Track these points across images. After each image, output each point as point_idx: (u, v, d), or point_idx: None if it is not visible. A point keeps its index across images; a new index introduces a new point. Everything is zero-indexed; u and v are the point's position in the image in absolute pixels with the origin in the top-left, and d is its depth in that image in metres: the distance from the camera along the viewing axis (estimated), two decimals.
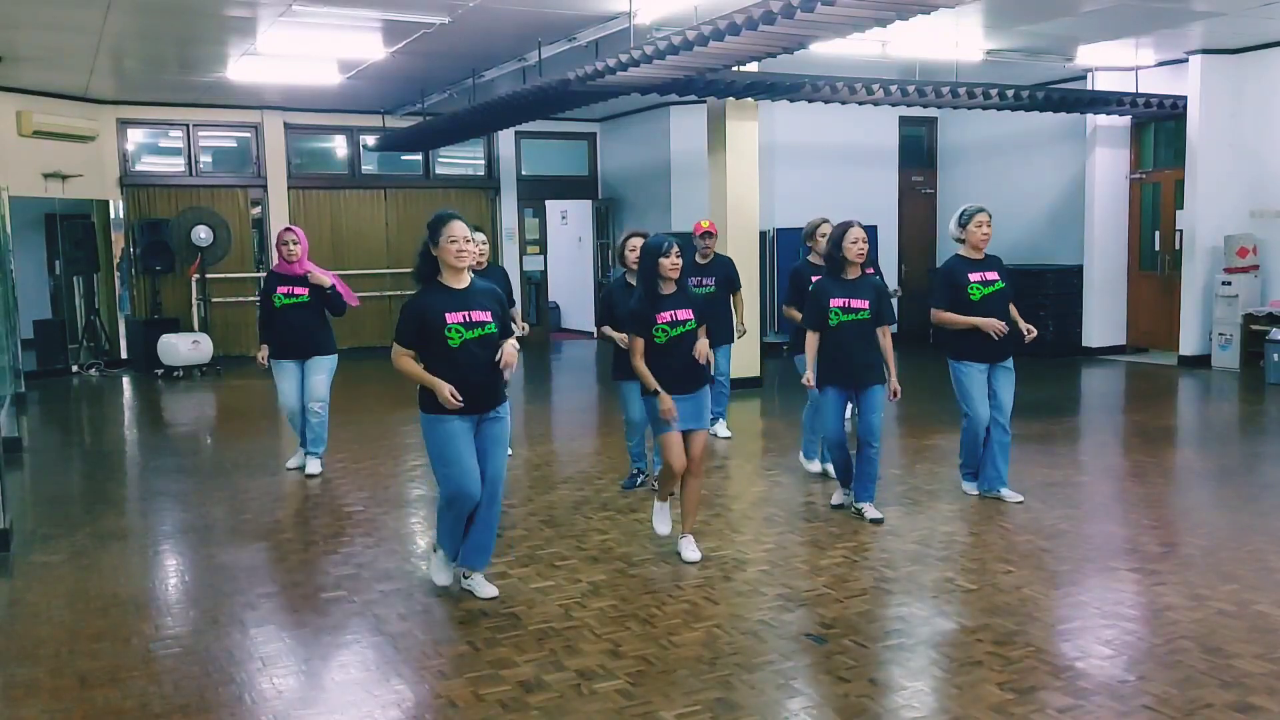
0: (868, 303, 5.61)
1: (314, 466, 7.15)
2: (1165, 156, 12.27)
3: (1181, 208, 11.63)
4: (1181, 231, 11.61)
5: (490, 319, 4.46)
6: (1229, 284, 10.95)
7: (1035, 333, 5.89)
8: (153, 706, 3.61)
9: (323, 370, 7.06)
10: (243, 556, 5.40)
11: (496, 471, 4.56)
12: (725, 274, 7.87)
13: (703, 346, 5.09)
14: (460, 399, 4.30)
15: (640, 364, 5.02)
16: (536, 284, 16.27)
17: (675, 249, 5.03)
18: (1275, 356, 10.16)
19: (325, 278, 6.98)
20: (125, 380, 12.42)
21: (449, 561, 4.71)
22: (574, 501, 6.29)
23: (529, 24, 8.88)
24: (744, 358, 10.02)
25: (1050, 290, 12.57)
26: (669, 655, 3.95)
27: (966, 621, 4.27)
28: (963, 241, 5.92)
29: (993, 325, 5.74)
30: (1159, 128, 12.28)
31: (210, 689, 3.75)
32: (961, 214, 5.95)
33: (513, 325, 4.72)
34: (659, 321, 5.00)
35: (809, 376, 5.67)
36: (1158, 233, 12.31)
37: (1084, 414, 9.59)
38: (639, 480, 6.58)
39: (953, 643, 4.07)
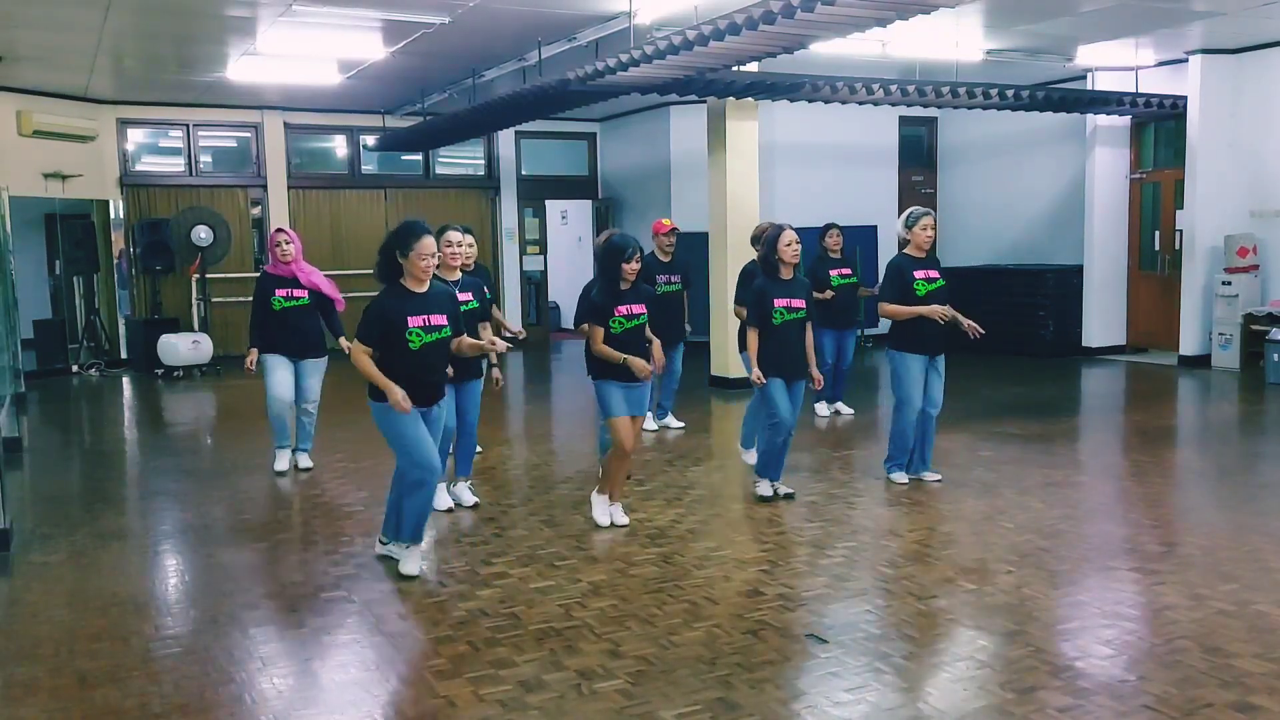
0: (804, 302, 6.07)
1: (307, 461, 7.30)
2: (1165, 156, 12.27)
3: (1181, 207, 11.63)
4: (1181, 231, 11.61)
5: (445, 322, 4.79)
6: (1229, 284, 10.94)
7: (981, 331, 6.23)
8: (152, 706, 3.61)
9: (318, 372, 7.18)
10: (242, 556, 5.40)
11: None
12: (686, 272, 8.27)
13: (658, 353, 5.59)
14: (409, 405, 4.61)
15: (603, 346, 5.44)
16: (536, 284, 16.26)
17: (637, 255, 5.45)
18: (1275, 356, 10.16)
19: (321, 284, 7.03)
20: (125, 380, 12.41)
21: (406, 546, 4.96)
22: (574, 501, 6.29)
23: (529, 24, 8.88)
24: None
25: (1050, 290, 12.56)
26: (669, 655, 3.95)
27: (966, 621, 4.27)
28: (908, 242, 6.34)
29: (937, 311, 6.17)
30: (1159, 128, 12.28)
31: (210, 689, 3.75)
32: (909, 216, 6.37)
33: (504, 331, 4.93)
34: (617, 314, 5.44)
35: (757, 374, 5.99)
36: (1158, 233, 12.31)
37: (1084, 414, 9.58)
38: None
39: (953, 642, 4.07)
